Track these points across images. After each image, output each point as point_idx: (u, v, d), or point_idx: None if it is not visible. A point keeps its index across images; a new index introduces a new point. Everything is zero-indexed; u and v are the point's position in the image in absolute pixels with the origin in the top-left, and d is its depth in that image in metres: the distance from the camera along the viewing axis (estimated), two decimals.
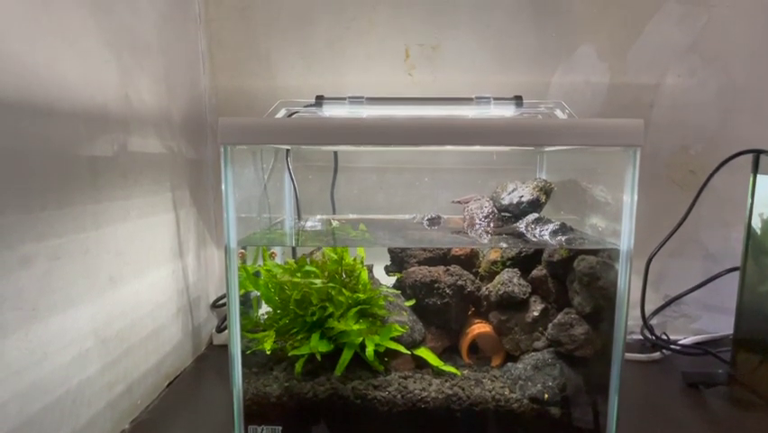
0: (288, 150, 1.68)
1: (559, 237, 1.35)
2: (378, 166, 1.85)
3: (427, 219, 1.62)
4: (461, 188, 1.72)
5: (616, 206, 1.21)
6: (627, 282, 1.16)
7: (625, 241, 1.15)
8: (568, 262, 1.34)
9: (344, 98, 1.40)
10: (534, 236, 1.39)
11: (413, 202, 1.80)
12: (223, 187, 1.13)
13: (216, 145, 1.78)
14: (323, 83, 1.78)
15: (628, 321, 1.19)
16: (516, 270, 1.43)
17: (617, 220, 1.17)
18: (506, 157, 1.73)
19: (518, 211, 1.51)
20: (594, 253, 1.30)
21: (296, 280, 1.35)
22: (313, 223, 1.69)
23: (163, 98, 1.49)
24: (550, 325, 1.33)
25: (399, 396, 1.25)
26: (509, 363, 1.35)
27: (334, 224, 1.65)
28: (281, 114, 1.44)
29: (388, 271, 1.58)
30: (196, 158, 1.71)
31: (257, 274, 1.40)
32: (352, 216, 1.80)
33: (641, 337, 1.81)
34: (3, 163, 0.93)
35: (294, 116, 1.47)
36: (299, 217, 1.72)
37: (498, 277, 1.43)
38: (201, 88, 1.77)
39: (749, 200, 1.49)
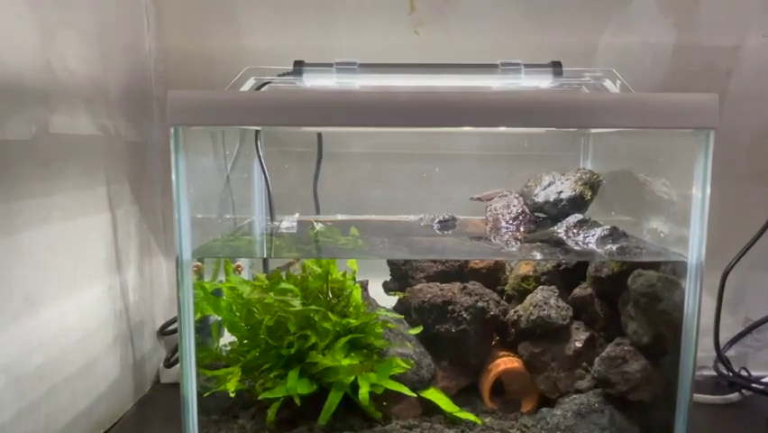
0: (257, 131, 1.68)
1: (609, 246, 1.35)
2: (374, 152, 1.85)
3: (438, 222, 1.62)
4: (482, 182, 1.72)
5: (682, 204, 1.21)
6: (697, 304, 1.16)
7: (694, 251, 1.16)
8: (620, 279, 1.34)
9: (331, 65, 1.40)
10: (577, 244, 1.39)
11: (420, 199, 1.80)
12: (173, 179, 1.13)
13: (165, 125, 1.77)
14: (303, 44, 1.77)
15: (698, 353, 1.19)
16: (553, 288, 1.43)
17: (685, 223, 1.17)
18: (540, 141, 1.73)
19: (556, 211, 1.51)
20: (654, 266, 1.30)
21: (268, 300, 1.35)
22: (290, 224, 1.69)
23: (96, 65, 1.49)
24: (597, 359, 1.33)
25: None
26: (544, 409, 1.36)
27: (318, 227, 1.64)
28: (249, 85, 1.45)
29: (387, 289, 1.58)
30: (139, 141, 1.71)
31: (217, 293, 1.40)
32: (341, 218, 1.80)
33: (714, 373, 1.82)
34: None
35: (266, 88, 1.47)
36: (272, 218, 1.73)
37: (529, 297, 1.43)
38: (145, 52, 1.77)
39: None
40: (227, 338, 1.43)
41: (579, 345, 1.37)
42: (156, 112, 1.81)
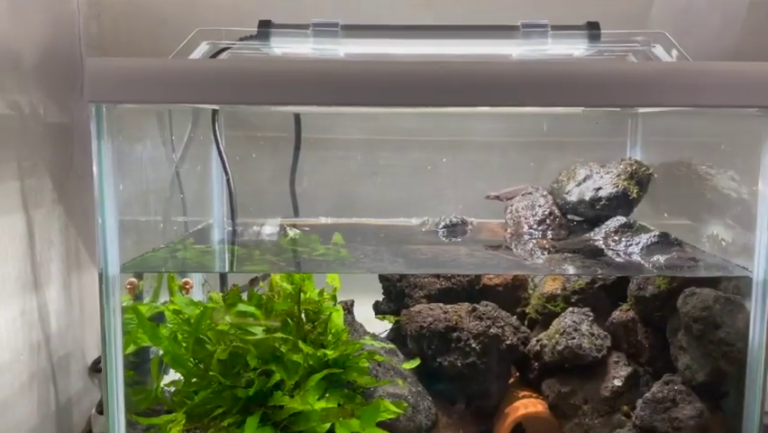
0: (215, 111, 1.68)
1: (657, 257, 1.36)
2: (366, 138, 1.86)
3: (445, 226, 1.64)
4: (500, 176, 1.74)
5: (750, 204, 1.22)
6: (765, 332, 1.17)
7: (761, 263, 1.16)
8: (669, 299, 1.34)
9: (306, 26, 1.40)
10: (619, 255, 1.39)
11: (422, 198, 1.81)
12: (95, 172, 1.16)
13: None
14: (271, 0, 1.78)
15: (767, 394, 1.19)
16: (586, 310, 1.43)
17: (751, 228, 1.18)
18: (575, 124, 1.74)
19: (593, 213, 1.52)
20: (712, 283, 1.30)
21: (222, 327, 1.36)
22: (273, 230, 1.71)
23: (5, 23, 1.49)
24: (640, 401, 1.33)
25: None
26: None
27: (291, 233, 1.65)
28: (201, 51, 1.45)
29: (378, 311, 1.60)
30: (64, 123, 1.70)
31: (158, 318, 1.40)
32: (324, 221, 1.82)
33: None
34: None
35: (224, 56, 1.49)
36: (234, 222, 1.73)
37: (556, 322, 1.44)
38: (72, 7, 1.77)
39: None
40: (171, 376, 1.43)
41: (618, 383, 1.37)
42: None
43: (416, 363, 1.44)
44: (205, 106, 1.65)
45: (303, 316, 1.42)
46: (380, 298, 1.62)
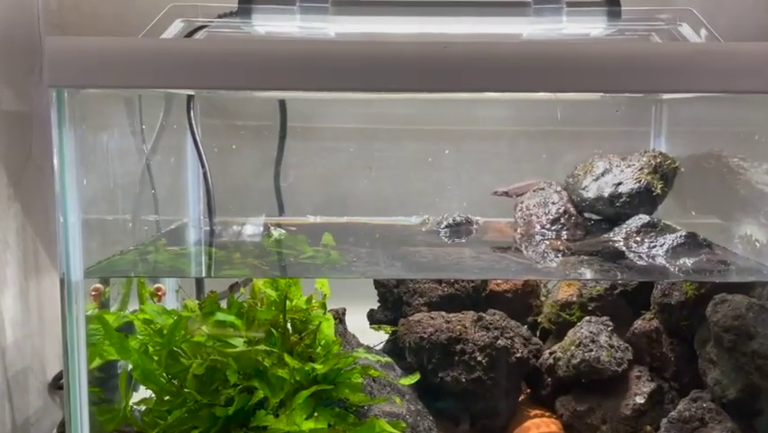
0: (190, 97, 1.68)
1: (683, 260, 1.36)
2: (360, 128, 1.86)
3: (447, 225, 1.64)
4: (509, 169, 1.74)
5: None
6: None
7: None
8: (697, 307, 1.34)
9: (293, 2, 1.40)
10: (641, 257, 1.39)
11: (422, 194, 1.81)
12: (56, 165, 1.17)
13: None
14: None
15: None
16: (605, 319, 1.43)
17: None
18: (592, 112, 1.74)
19: (613, 211, 1.51)
20: (745, 289, 1.30)
21: (199, 339, 1.35)
22: (255, 230, 1.71)
23: None
24: (665, 421, 1.33)
25: None
26: None
27: (276, 234, 1.65)
28: (175, 29, 1.45)
29: (373, 320, 1.60)
30: (21, 110, 1.70)
31: (126, 329, 1.40)
32: (312, 220, 1.82)
33: None
34: None
35: (200, 35, 1.49)
36: (212, 222, 1.73)
37: (572, 333, 1.44)
38: None
39: None
40: (142, 393, 1.43)
41: (640, 400, 1.37)
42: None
43: (415, 378, 1.44)
44: (179, 92, 1.65)
45: (289, 326, 1.41)
46: (376, 305, 1.63)
